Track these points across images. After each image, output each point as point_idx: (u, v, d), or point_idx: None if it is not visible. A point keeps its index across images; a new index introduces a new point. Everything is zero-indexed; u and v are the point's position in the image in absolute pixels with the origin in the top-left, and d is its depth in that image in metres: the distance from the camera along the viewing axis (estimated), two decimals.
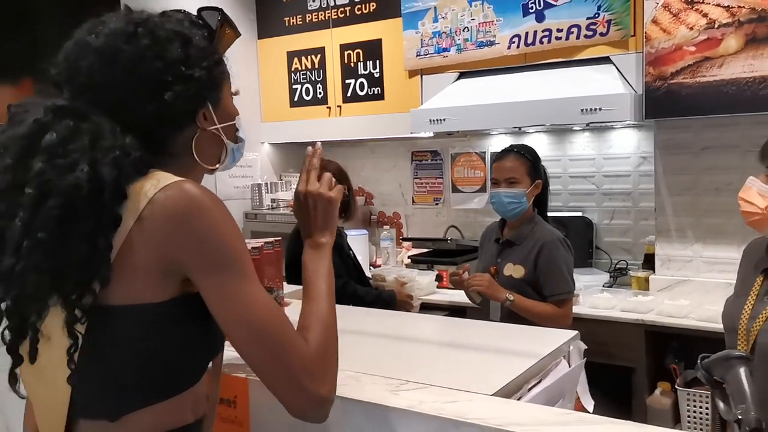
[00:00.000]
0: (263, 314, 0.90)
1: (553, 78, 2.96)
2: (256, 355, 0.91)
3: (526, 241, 2.33)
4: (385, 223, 4.01)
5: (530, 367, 1.22)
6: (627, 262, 3.19)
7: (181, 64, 0.94)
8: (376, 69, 3.56)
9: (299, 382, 0.89)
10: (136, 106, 0.92)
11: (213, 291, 0.90)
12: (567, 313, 2.29)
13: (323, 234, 1.11)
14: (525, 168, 2.33)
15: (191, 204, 0.88)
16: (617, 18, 2.80)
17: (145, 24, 0.94)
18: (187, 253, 0.88)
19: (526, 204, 2.33)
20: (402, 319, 1.76)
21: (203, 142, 1.00)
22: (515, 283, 2.29)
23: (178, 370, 0.92)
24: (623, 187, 3.23)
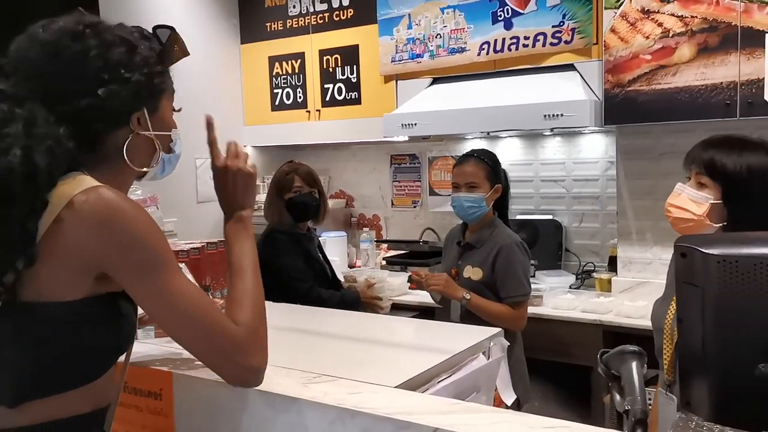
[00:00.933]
0: (189, 303, 0.98)
1: (520, 84, 3.03)
2: (189, 341, 1.02)
3: (486, 244, 2.39)
4: (365, 225, 4.09)
5: (442, 362, 1.29)
6: (594, 264, 3.26)
7: (121, 66, 1.00)
8: (354, 74, 3.64)
9: (232, 359, 1.01)
10: (72, 99, 0.97)
11: (139, 290, 0.97)
12: (522, 314, 2.36)
13: (244, 208, 1.18)
14: (484, 173, 2.39)
15: (109, 208, 0.93)
16: (581, 26, 2.87)
17: (94, 27, 1.01)
18: (109, 257, 0.94)
19: (485, 208, 2.37)
20: (340, 318, 1.83)
21: (135, 146, 1.05)
22: (474, 285, 2.34)
23: (81, 366, 0.97)
24: (592, 191, 3.30)
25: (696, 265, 1.06)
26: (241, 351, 1.01)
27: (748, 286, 1.02)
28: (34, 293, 0.91)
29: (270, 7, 3.92)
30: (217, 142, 1.22)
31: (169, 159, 1.15)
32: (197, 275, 1.60)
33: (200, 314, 0.99)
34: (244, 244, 1.14)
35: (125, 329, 1.01)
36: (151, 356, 1.33)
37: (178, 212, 3.63)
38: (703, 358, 1.09)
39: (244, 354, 1.01)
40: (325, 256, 2.93)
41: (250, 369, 1.03)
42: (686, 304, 1.09)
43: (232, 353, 1.01)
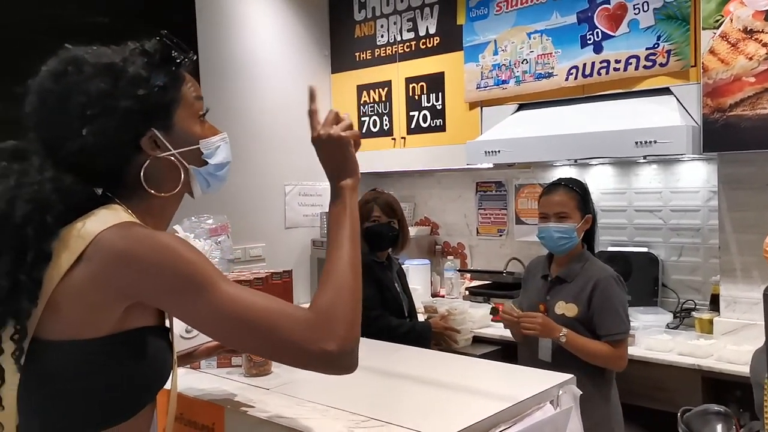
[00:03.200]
0: (240, 310, 0.92)
1: (611, 109, 2.88)
2: (254, 346, 0.97)
3: (578, 278, 2.25)
4: (450, 253, 4.02)
5: (504, 410, 1.21)
6: (695, 302, 3.01)
7: (106, 96, 0.95)
8: (439, 101, 3.61)
9: (301, 348, 0.92)
10: (63, 144, 0.94)
11: (185, 311, 0.94)
12: (622, 353, 2.19)
13: (341, 177, 1.10)
14: (575, 202, 2.27)
15: (133, 239, 0.91)
16: (677, 48, 2.70)
17: (75, 61, 0.97)
18: (140, 286, 0.90)
19: (576, 239, 2.25)
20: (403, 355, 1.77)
21: (158, 170, 1.00)
22: (568, 323, 2.19)
23: (110, 405, 0.93)
24: (692, 222, 3.07)
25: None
26: (308, 338, 0.92)
27: None
28: (57, 332, 0.90)
29: (360, 37, 3.98)
30: (318, 113, 1.12)
31: (209, 171, 1.07)
32: None
33: (254, 317, 0.92)
34: (340, 216, 1.07)
35: (156, 366, 0.97)
36: (208, 389, 1.34)
37: (266, 238, 3.73)
38: None
39: (314, 340, 0.92)
40: (405, 287, 2.89)
41: (323, 354, 0.93)
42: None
43: (300, 342, 0.92)
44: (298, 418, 1.18)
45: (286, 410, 1.23)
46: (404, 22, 3.73)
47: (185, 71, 1.05)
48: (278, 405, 1.26)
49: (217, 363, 1.51)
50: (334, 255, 1.03)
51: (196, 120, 1.05)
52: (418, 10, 3.67)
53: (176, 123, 1.02)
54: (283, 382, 0.97)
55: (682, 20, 2.68)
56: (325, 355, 0.93)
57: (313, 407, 1.23)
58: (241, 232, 3.56)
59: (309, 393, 0.93)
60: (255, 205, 3.68)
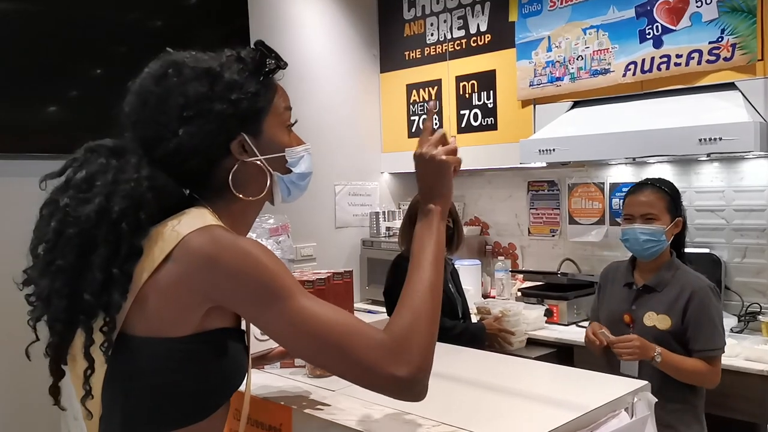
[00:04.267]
0: (315, 325, 0.92)
1: (671, 106, 2.80)
2: (325, 362, 0.96)
3: (669, 287, 2.10)
4: (500, 253, 3.96)
5: (577, 418, 1.17)
6: (761, 305, 2.89)
7: (204, 99, 0.98)
8: (490, 99, 3.56)
9: (373, 372, 0.91)
10: (161, 143, 0.98)
11: (263, 320, 0.94)
12: (718, 370, 2.05)
13: (432, 199, 1.08)
14: (664, 203, 2.13)
15: (219, 244, 0.92)
16: (742, 42, 2.59)
17: (176, 65, 1.01)
18: (222, 290, 0.92)
19: (665, 243, 2.10)
20: (469, 358, 1.75)
21: (244, 174, 1.03)
22: (659, 336, 2.05)
23: (188, 404, 0.95)
24: (756, 222, 2.95)
25: None
26: (381, 361, 0.91)
27: None
28: (143, 329, 0.92)
29: (409, 36, 3.96)
30: (430, 131, 1.13)
31: (291, 179, 1.09)
32: None
33: (329, 333, 0.91)
34: (424, 239, 1.04)
35: (234, 367, 0.99)
36: (275, 389, 1.35)
37: (316, 237, 3.75)
38: None
39: (387, 364, 0.91)
40: (459, 288, 2.87)
41: (394, 379, 0.91)
42: None
43: (372, 366, 0.91)
44: (367, 421, 1.17)
45: (354, 412, 1.22)
46: (455, 20, 3.69)
47: (277, 81, 1.08)
48: (345, 407, 1.26)
49: (281, 363, 1.52)
50: (415, 278, 1.01)
51: (283, 128, 1.08)
52: (469, 8, 3.63)
53: (265, 130, 1.04)
54: (347, 384, 0.95)
55: (747, 12, 2.58)
56: (396, 380, 0.91)
57: (381, 410, 1.21)
58: (293, 232, 3.57)
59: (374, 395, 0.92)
60: (306, 204, 3.69)
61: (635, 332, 2.08)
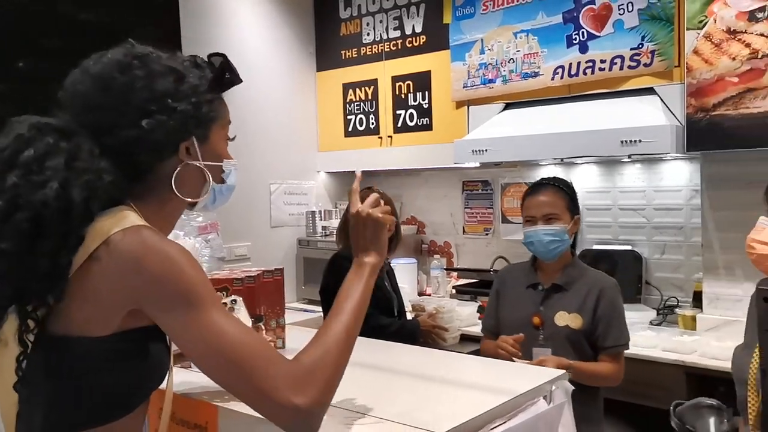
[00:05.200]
0: (222, 341, 0.92)
1: (596, 109, 2.92)
2: (225, 381, 0.94)
3: (577, 286, 2.10)
4: (436, 252, 4.03)
5: (497, 406, 1.21)
6: (678, 299, 3.05)
7: (167, 96, 1.00)
8: (425, 100, 3.62)
9: (272, 398, 0.90)
10: (118, 131, 0.97)
11: (173, 327, 0.94)
12: (622, 366, 2.10)
13: (367, 254, 1.13)
14: (564, 202, 2.13)
15: (144, 246, 0.92)
16: (661, 48, 2.73)
17: (142, 58, 1.02)
18: (142, 293, 0.92)
19: (568, 242, 2.10)
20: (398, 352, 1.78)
21: (184, 176, 1.05)
22: (571, 335, 2.05)
23: (110, 402, 0.95)
24: (674, 220, 3.11)
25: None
26: (281, 388, 0.90)
27: None
28: (63, 327, 0.92)
29: (345, 35, 3.97)
30: (358, 192, 1.22)
31: (221, 190, 1.13)
32: (251, 303, 1.60)
33: (233, 352, 0.92)
34: (352, 287, 1.09)
35: (154, 366, 0.99)
36: (198, 387, 1.33)
37: (252, 237, 3.72)
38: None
39: (288, 391, 0.90)
40: (395, 286, 2.90)
41: (292, 408, 0.90)
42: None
43: (273, 391, 0.90)
44: None
45: None
46: (390, 20, 3.73)
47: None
48: None
49: None
50: (334, 319, 1.04)
51: (224, 141, 1.13)
52: (404, 9, 3.67)
53: (211, 138, 1.09)
54: None
55: (666, 21, 2.72)
56: (294, 409, 0.91)
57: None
58: (227, 231, 3.51)
59: None
60: (240, 204, 3.65)
61: (545, 333, 2.07)
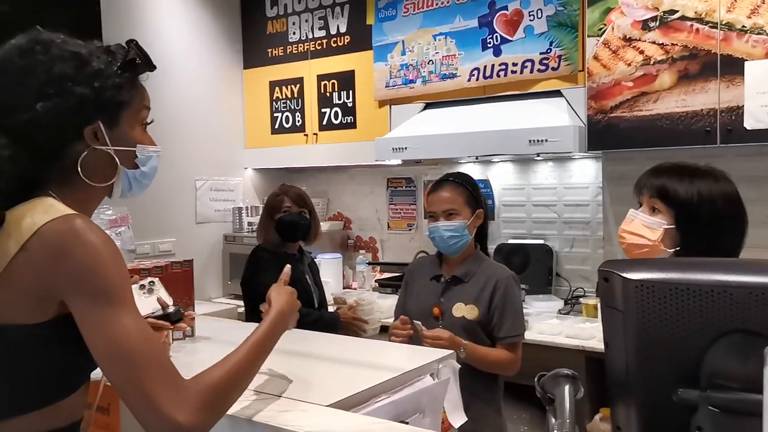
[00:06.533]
0: (129, 342, 0.92)
1: (508, 109, 3.07)
2: (117, 382, 0.94)
3: (475, 278, 2.15)
4: (362, 247, 4.12)
5: (383, 382, 1.31)
6: (584, 289, 3.24)
7: (66, 79, 1.00)
8: (350, 99, 3.70)
9: (155, 406, 0.90)
10: (13, 113, 0.99)
11: (84, 318, 0.95)
12: (519, 356, 2.14)
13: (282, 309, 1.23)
14: (463, 197, 2.16)
15: (75, 237, 0.93)
16: (567, 54, 2.90)
17: (44, 43, 1.02)
18: (65, 282, 0.94)
19: (468, 237, 2.15)
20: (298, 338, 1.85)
21: (93, 162, 1.05)
22: (467, 325, 2.09)
23: (51, 386, 0.98)
24: (582, 216, 3.30)
25: (616, 290, 1.07)
26: (167, 402, 0.90)
27: (665, 311, 1.03)
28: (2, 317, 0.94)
29: (272, 33, 4.01)
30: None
31: (135, 176, 1.13)
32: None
33: (131, 354, 0.92)
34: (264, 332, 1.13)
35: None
36: None
37: (176, 232, 3.71)
38: (627, 384, 1.10)
39: (174, 407, 0.90)
40: (317, 279, 2.96)
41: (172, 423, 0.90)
42: (610, 328, 1.10)
43: (158, 400, 0.90)
44: None
45: None
46: (316, 20, 3.80)
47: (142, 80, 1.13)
48: None
49: None
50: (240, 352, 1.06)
51: (139, 126, 1.12)
52: (329, 9, 3.74)
53: (122, 123, 1.08)
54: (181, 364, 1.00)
55: (571, 27, 2.89)
56: (173, 425, 0.91)
57: None
58: (150, 227, 3.52)
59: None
60: (165, 199, 3.64)
61: (444, 324, 2.10)
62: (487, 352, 2.09)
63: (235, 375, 1.02)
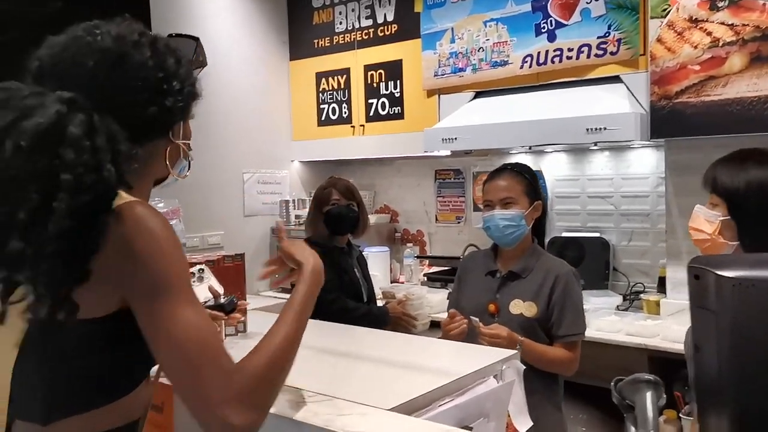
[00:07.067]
0: (187, 336, 0.89)
1: (564, 97, 2.94)
2: (174, 375, 0.91)
3: (533, 273, 2.06)
4: (409, 240, 4.05)
5: (445, 384, 1.23)
6: (644, 285, 3.10)
7: (174, 78, 1.00)
8: (397, 89, 3.63)
9: (210, 409, 0.87)
10: (134, 109, 0.95)
11: (143, 310, 0.92)
12: (577, 356, 2.04)
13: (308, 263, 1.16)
14: (522, 186, 2.08)
15: (137, 227, 0.90)
16: (627, 37, 2.76)
17: (146, 35, 1.00)
18: (124, 273, 0.90)
19: (525, 228, 2.06)
20: (355, 335, 1.79)
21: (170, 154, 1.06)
22: (525, 323, 2.00)
23: (112, 382, 0.95)
24: (641, 207, 3.15)
25: (709, 289, 0.97)
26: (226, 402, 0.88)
27: (764, 311, 0.93)
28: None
29: (318, 24, 3.96)
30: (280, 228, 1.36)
31: (184, 167, 1.15)
32: None
33: (194, 350, 0.88)
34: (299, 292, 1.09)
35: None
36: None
37: (225, 225, 3.71)
38: (720, 391, 1.00)
39: (229, 407, 0.88)
40: (365, 273, 2.91)
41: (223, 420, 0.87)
42: (701, 331, 1.01)
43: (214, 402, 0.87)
44: None
45: None
46: (362, 9, 3.73)
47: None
48: None
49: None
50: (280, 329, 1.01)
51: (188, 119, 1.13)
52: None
53: (189, 118, 1.10)
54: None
55: (631, 9, 2.75)
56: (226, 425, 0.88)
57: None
58: (200, 220, 3.53)
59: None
60: (213, 193, 3.64)
61: (500, 322, 2.01)
62: (545, 351, 2.00)
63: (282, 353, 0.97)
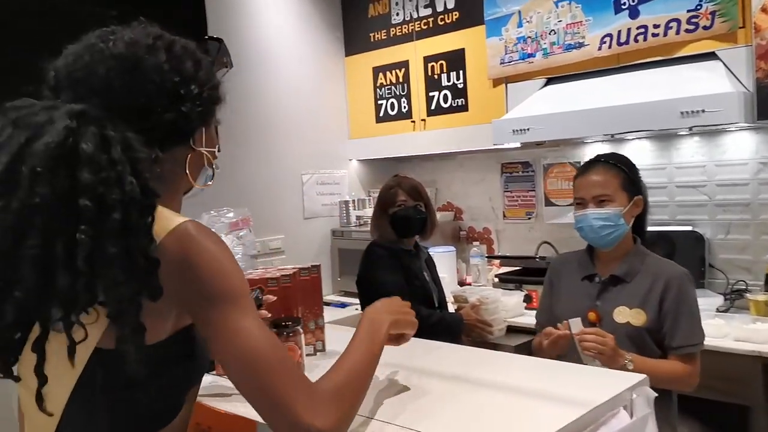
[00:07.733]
0: (253, 346, 0.87)
1: (650, 79, 2.68)
2: (246, 387, 0.89)
3: (639, 277, 1.85)
4: (475, 239, 3.83)
5: (575, 420, 1.02)
6: (746, 282, 2.80)
7: (192, 81, 0.94)
8: (460, 80, 3.42)
9: (289, 414, 0.85)
10: (151, 115, 0.90)
11: (211, 327, 0.89)
12: (697, 369, 1.81)
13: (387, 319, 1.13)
14: (618, 181, 1.87)
15: (191, 246, 0.87)
16: (722, 9, 2.48)
17: (162, 38, 0.95)
18: (187, 293, 0.88)
19: (624, 227, 1.85)
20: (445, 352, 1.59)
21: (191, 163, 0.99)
22: (633, 333, 1.79)
23: (164, 407, 0.92)
24: (740, 197, 2.85)
25: None
26: (300, 407, 0.85)
27: None
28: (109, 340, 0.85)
29: (373, 16, 3.79)
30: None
31: (210, 176, 1.07)
32: (288, 304, 1.44)
33: (262, 359, 0.87)
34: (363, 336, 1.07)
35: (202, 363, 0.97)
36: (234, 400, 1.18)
37: (285, 229, 3.58)
38: None
39: (305, 411, 0.85)
40: (435, 277, 2.72)
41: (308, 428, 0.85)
42: None
43: (291, 408, 0.85)
44: None
45: None
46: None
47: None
48: None
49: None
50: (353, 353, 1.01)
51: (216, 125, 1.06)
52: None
53: (211, 123, 1.03)
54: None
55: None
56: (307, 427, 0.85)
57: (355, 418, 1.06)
58: (259, 225, 3.37)
59: None
60: (272, 195, 3.52)
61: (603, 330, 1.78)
62: (658, 365, 1.78)
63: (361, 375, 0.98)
